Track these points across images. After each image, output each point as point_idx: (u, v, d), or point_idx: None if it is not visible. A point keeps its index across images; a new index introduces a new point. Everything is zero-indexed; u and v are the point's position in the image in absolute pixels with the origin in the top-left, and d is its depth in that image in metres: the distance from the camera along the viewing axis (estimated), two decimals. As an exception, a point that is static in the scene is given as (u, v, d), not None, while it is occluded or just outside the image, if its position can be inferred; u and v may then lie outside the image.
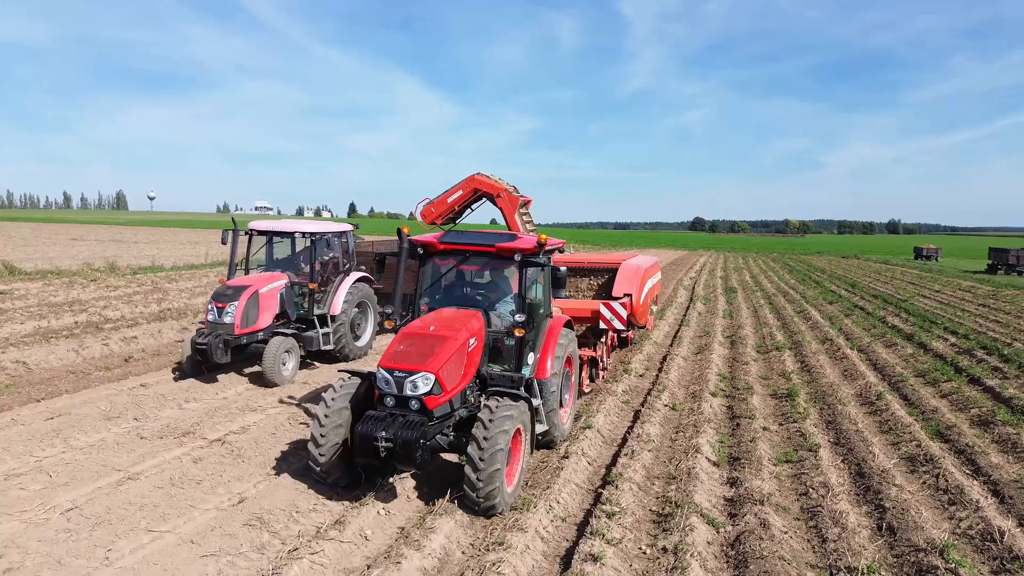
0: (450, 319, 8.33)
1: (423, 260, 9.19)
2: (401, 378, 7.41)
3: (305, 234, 13.95)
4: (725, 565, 6.69)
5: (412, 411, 7.43)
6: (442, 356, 7.52)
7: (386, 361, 7.55)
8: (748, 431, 10.61)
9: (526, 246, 8.61)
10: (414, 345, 7.65)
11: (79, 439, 9.42)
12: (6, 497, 7.55)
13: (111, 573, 6.14)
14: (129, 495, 7.70)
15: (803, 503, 8.22)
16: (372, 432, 7.12)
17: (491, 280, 9.69)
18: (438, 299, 9.37)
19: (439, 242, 8.90)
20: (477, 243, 8.86)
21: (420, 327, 8.04)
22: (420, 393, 7.39)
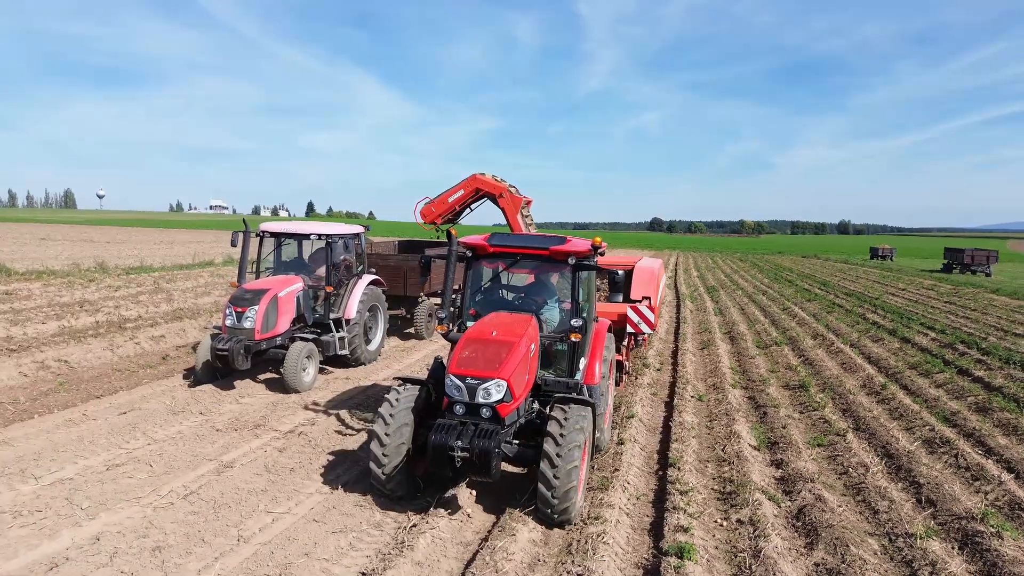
0: (509, 324, 8.09)
1: (470, 263, 9.00)
2: (474, 385, 7.23)
3: (321, 236, 13.64)
4: (796, 534, 7.46)
5: (483, 419, 7.26)
6: (512, 362, 7.36)
7: (456, 368, 7.35)
8: (776, 419, 11.46)
9: (580, 249, 8.42)
10: (481, 351, 7.47)
11: (157, 432, 9.85)
12: (118, 485, 8.00)
13: (251, 549, 6.68)
14: (234, 481, 8.21)
15: (845, 481, 9.06)
16: (447, 441, 6.96)
17: (538, 283, 9.51)
18: (485, 303, 9.19)
19: (489, 244, 8.68)
20: (529, 245, 8.69)
21: (482, 332, 7.81)
22: (493, 401, 7.23)
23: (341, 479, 8.50)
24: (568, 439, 7.05)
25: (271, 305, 12.22)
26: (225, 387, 12.23)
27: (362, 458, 9.18)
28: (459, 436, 7.01)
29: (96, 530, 6.93)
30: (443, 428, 7.15)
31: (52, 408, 10.69)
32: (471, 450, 6.91)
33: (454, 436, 7.01)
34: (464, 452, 6.91)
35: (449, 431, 7.08)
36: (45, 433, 9.63)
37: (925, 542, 7.14)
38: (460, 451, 6.91)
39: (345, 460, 9.17)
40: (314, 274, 13.97)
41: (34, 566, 6.21)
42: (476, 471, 7.03)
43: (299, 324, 13.32)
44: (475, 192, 20.12)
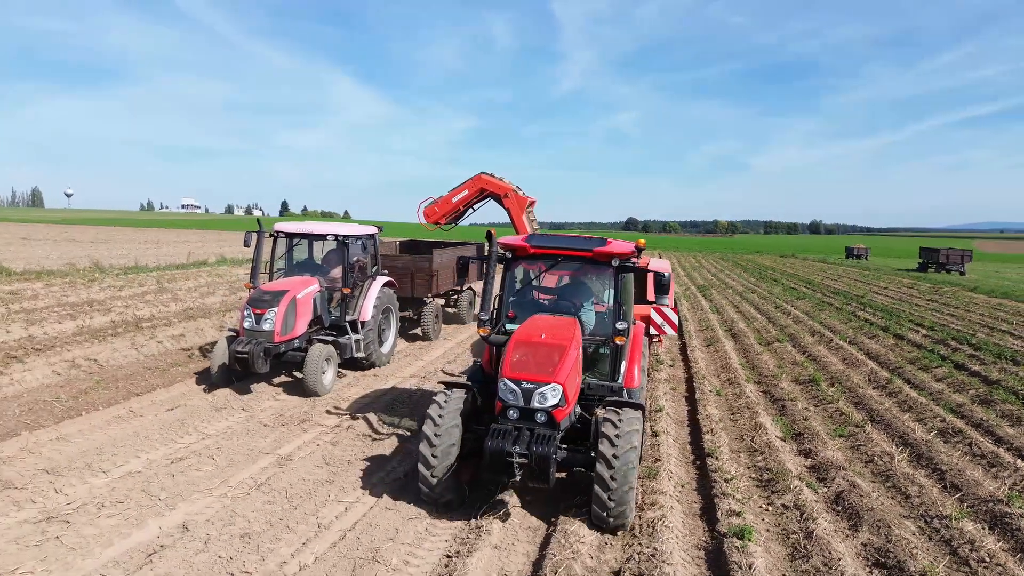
0: (556, 326, 7.99)
1: (509, 264, 8.85)
2: (529, 389, 7.12)
3: (338, 236, 13.46)
4: (839, 518, 7.93)
5: (538, 424, 7.16)
6: (565, 366, 7.28)
7: (510, 371, 7.23)
8: (795, 411, 11.96)
9: (623, 250, 8.30)
10: (533, 354, 7.36)
11: (207, 427, 10.12)
12: (187, 477, 8.29)
13: (334, 535, 7.04)
14: (298, 472, 8.53)
15: (872, 468, 9.56)
16: (504, 447, 6.82)
17: (574, 285, 9.37)
18: (522, 305, 9.04)
19: (530, 246, 8.55)
20: (571, 247, 8.56)
21: (531, 335, 7.71)
22: (549, 405, 7.12)
23: (397, 470, 8.84)
24: (624, 442, 6.98)
25: (290, 307, 12.05)
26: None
27: (411, 452, 9.53)
28: (515, 442, 6.88)
29: (180, 519, 7.22)
30: (499, 434, 7.01)
31: (97, 405, 10.88)
32: (530, 456, 6.80)
33: (511, 442, 6.88)
34: (522, 458, 6.81)
35: (505, 436, 6.95)
36: (98, 429, 9.86)
37: (959, 523, 7.64)
38: (519, 457, 6.79)
39: (398, 453, 9.50)
40: (328, 275, 13.82)
41: (132, 552, 6.50)
42: (534, 478, 6.89)
43: (315, 326, 13.14)
44: (480, 192, 20.22)
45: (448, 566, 6.45)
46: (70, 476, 8.12)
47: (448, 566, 6.45)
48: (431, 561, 6.61)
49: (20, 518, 7.07)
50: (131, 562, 6.33)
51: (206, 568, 6.24)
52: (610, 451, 6.96)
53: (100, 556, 6.42)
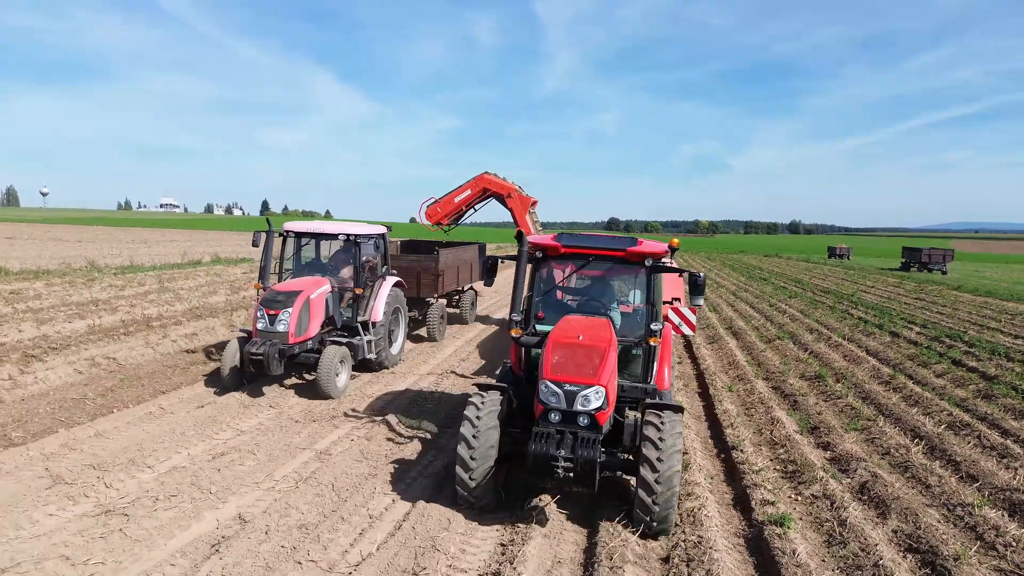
0: (591, 327, 7.91)
1: (539, 264, 8.75)
2: (572, 392, 7.01)
3: (349, 236, 13.14)
4: (866, 506, 8.25)
5: (580, 427, 7.04)
6: (607, 368, 7.20)
7: (552, 374, 7.11)
8: (807, 406, 12.30)
9: (656, 250, 8.22)
10: (573, 356, 7.26)
11: (240, 424, 10.31)
12: (233, 471, 8.47)
13: (389, 525, 7.28)
14: (340, 467, 8.72)
15: (890, 460, 9.90)
16: (549, 451, 6.75)
17: (604, 285, 9.34)
18: (551, 305, 8.97)
19: (562, 245, 8.47)
20: (604, 247, 8.46)
21: (568, 336, 7.61)
22: (592, 408, 7.02)
23: (434, 464, 9.08)
24: (668, 446, 6.88)
25: (304, 308, 11.81)
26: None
27: (442, 447, 9.75)
28: (559, 445, 6.81)
29: (233, 512, 7.41)
30: (542, 437, 6.91)
31: (126, 403, 10.99)
32: (575, 460, 6.70)
33: (555, 445, 6.80)
34: (567, 462, 6.71)
35: (548, 440, 6.87)
36: (133, 426, 9.99)
37: (981, 510, 7.99)
38: (563, 461, 6.71)
39: (429, 450, 9.71)
40: (338, 275, 13.60)
41: (196, 543, 6.68)
42: (579, 482, 6.79)
43: (327, 327, 12.92)
44: (482, 192, 20.32)
45: (504, 553, 6.68)
46: (116, 471, 8.26)
47: (504, 553, 6.68)
48: (487, 549, 6.85)
49: (78, 512, 7.22)
50: (197, 552, 6.51)
51: (272, 557, 6.43)
52: (654, 455, 6.84)
53: (165, 547, 6.59)
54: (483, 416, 7.33)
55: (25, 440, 9.17)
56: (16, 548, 6.39)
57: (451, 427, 10.43)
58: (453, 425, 10.46)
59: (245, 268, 31.51)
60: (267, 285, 12.79)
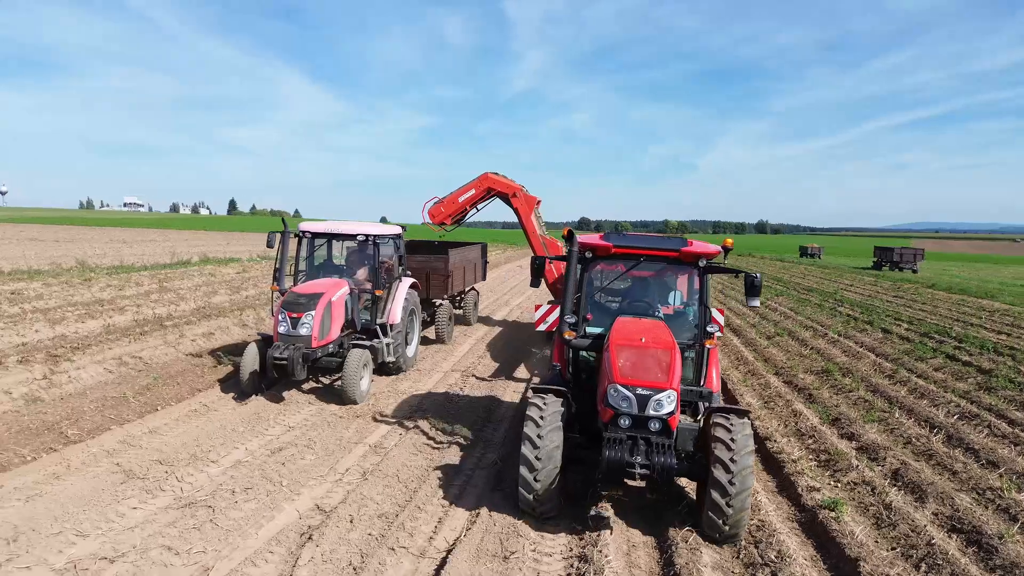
0: (650, 330, 7.81)
1: (587, 264, 8.61)
2: (645, 396, 6.86)
3: (368, 236, 12.90)
4: (905, 492, 8.70)
5: (652, 432, 6.92)
6: (676, 371, 7.09)
7: (622, 377, 6.96)
8: (823, 399, 12.82)
9: (710, 250, 8.14)
10: (642, 359, 7.14)
11: (286, 420, 10.57)
12: (296, 465, 8.72)
13: (465, 513, 7.61)
14: (399, 460, 9.03)
15: (913, 449, 10.40)
16: (625, 458, 6.69)
17: (648, 286, 9.22)
18: (596, 306, 8.94)
19: (613, 245, 8.37)
20: (656, 247, 8.37)
21: (631, 339, 7.49)
22: (664, 413, 6.87)
23: (487, 457, 9.41)
24: (740, 450, 6.72)
25: (326, 310, 11.59)
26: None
27: (490, 441, 10.06)
28: (633, 452, 6.75)
29: (309, 503, 7.66)
30: (616, 444, 6.81)
31: (168, 401, 11.15)
32: (651, 467, 6.66)
33: (630, 452, 6.74)
34: (645, 469, 6.67)
35: (622, 446, 6.79)
36: (181, 423, 10.19)
37: (1010, 493, 8.51)
38: (640, 468, 6.65)
39: (478, 443, 10.01)
40: (354, 276, 13.44)
41: (286, 532, 6.94)
42: (655, 489, 6.81)
43: (347, 330, 12.68)
44: (487, 192, 20.29)
45: (583, 538, 7.02)
46: (182, 466, 8.46)
47: (583, 538, 7.02)
48: (564, 537, 7.15)
49: (160, 505, 7.42)
50: (291, 540, 6.77)
51: (363, 544, 6.71)
52: (727, 455, 6.69)
53: (258, 536, 6.83)
54: (547, 417, 7.13)
55: (82, 437, 9.31)
56: (114, 539, 6.59)
57: (485, 430, 10.68)
58: (486, 428, 10.76)
59: (237, 268, 31.46)
60: (283, 287, 12.55)
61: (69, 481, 7.88)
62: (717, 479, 6.68)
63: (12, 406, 10.30)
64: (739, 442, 6.76)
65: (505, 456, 9.35)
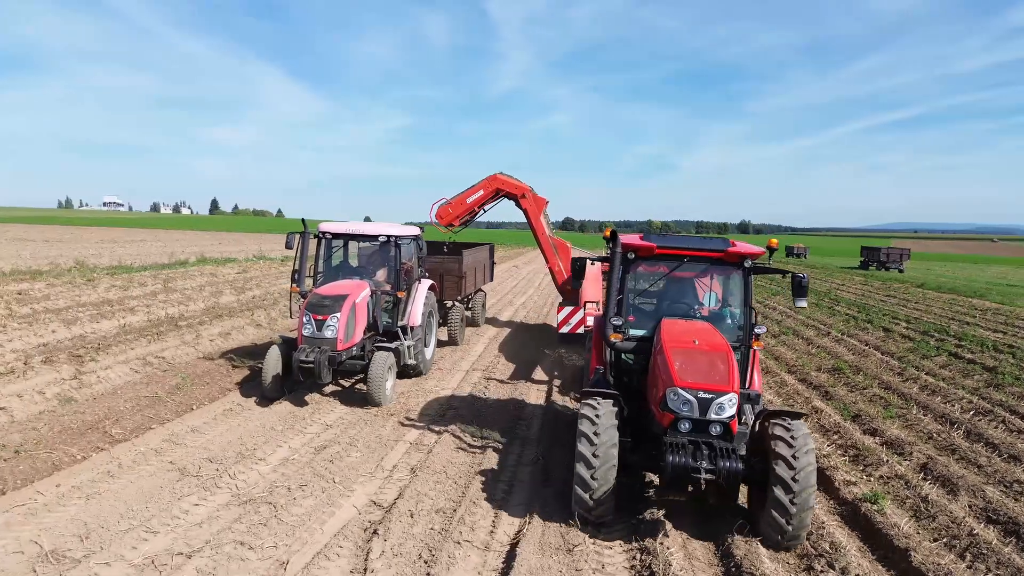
0: (700, 331, 7.77)
1: (629, 265, 8.44)
2: (707, 400, 6.79)
3: (390, 237, 12.80)
4: (936, 484, 8.97)
5: (713, 436, 6.85)
6: (735, 374, 7.01)
7: (683, 381, 6.85)
8: (840, 396, 13.11)
9: (756, 251, 8.05)
10: (699, 362, 7.04)
11: (323, 419, 10.75)
12: (343, 462, 8.90)
13: (520, 507, 7.75)
14: (444, 456, 9.23)
15: (934, 444, 10.68)
16: (690, 463, 6.57)
17: (688, 287, 9.12)
18: (638, 309, 8.81)
19: (657, 246, 8.19)
20: (701, 247, 8.22)
21: (682, 341, 7.40)
22: (726, 417, 6.81)
23: (526, 455, 9.57)
24: (803, 457, 6.57)
25: (351, 312, 11.42)
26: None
27: (527, 439, 10.24)
28: (696, 457, 6.65)
29: (365, 499, 7.82)
30: (680, 448, 6.70)
31: (202, 400, 11.24)
32: (717, 472, 6.55)
33: (695, 457, 6.64)
34: (710, 475, 6.56)
35: (684, 451, 6.69)
36: (219, 422, 10.29)
37: (1036, 486, 8.82)
38: (706, 473, 6.55)
39: (514, 441, 10.20)
40: (373, 278, 13.22)
41: (351, 527, 7.09)
42: (720, 495, 6.71)
43: (369, 333, 12.46)
44: (495, 192, 20.29)
45: (639, 532, 7.19)
46: (232, 464, 8.58)
47: (639, 532, 7.19)
48: (620, 532, 7.29)
49: (220, 502, 7.54)
50: (356, 535, 6.91)
51: (427, 538, 6.87)
52: (788, 452, 6.58)
53: (323, 531, 6.98)
54: (602, 416, 7.01)
55: (126, 436, 9.40)
56: (184, 535, 6.71)
57: (518, 428, 10.83)
58: (519, 426, 10.92)
59: (236, 268, 31.43)
60: (304, 289, 12.26)
61: (124, 479, 7.97)
62: (780, 475, 6.53)
63: (47, 406, 10.37)
64: (799, 440, 6.65)
65: (545, 452, 9.54)
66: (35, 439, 8.90)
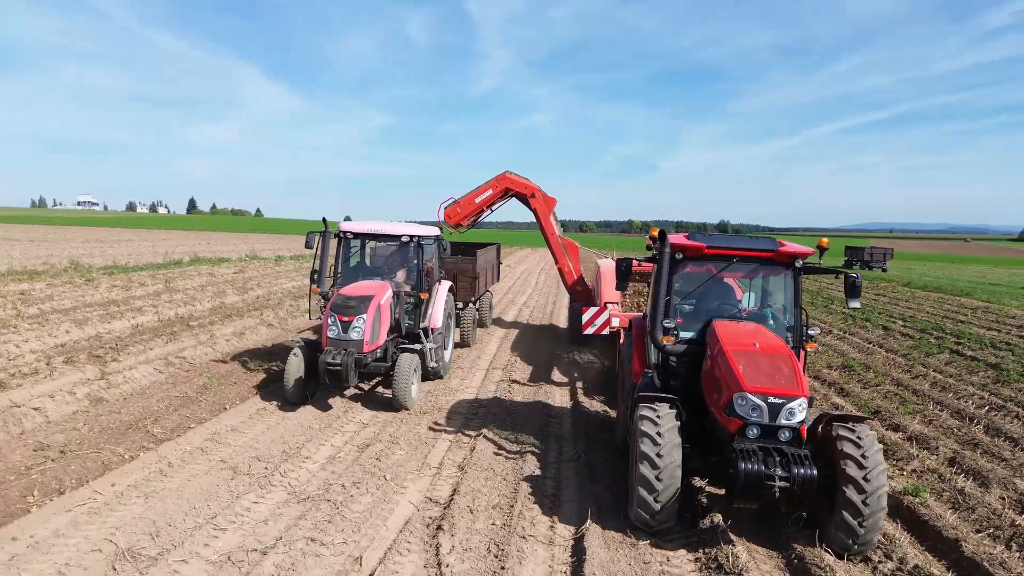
0: (756, 333, 7.64)
1: (675, 266, 8.25)
2: (777, 405, 6.62)
3: (413, 238, 12.64)
4: (968, 477, 9.22)
5: (782, 442, 6.70)
6: (802, 377, 6.87)
7: (751, 385, 6.69)
8: (856, 393, 13.37)
9: (807, 251, 8.00)
10: (764, 366, 6.89)
11: (358, 417, 10.88)
12: (390, 460, 9.00)
13: (575, 504, 7.85)
14: (487, 453, 9.39)
15: (956, 438, 10.95)
16: (763, 470, 6.40)
17: (726, 288, 8.98)
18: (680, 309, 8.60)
19: (707, 246, 8.10)
20: (751, 247, 8.12)
21: (745, 344, 7.25)
22: (796, 422, 6.66)
23: (566, 451, 9.71)
24: (872, 463, 6.46)
25: (377, 314, 11.15)
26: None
27: (555, 435, 10.38)
28: (768, 464, 6.49)
29: (419, 496, 7.92)
30: (752, 455, 6.53)
31: (233, 400, 11.26)
32: (792, 479, 6.37)
33: (770, 464, 6.47)
34: (785, 483, 6.38)
35: (756, 457, 6.52)
36: (255, 421, 10.36)
37: (1063, 478, 9.10)
38: (780, 481, 6.38)
39: (549, 438, 10.33)
40: (393, 279, 12.95)
41: (412, 523, 7.19)
42: (794, 503, 6.50)
43: (392, 335, 12.23)
44: (504, 192, 20.19)
45: (697, 527, 7.37)
46: (279, 462, 8.66)
47: (697, 527, 7.37)
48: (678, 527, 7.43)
49: (278, 499, 7.60)
50: (420, 531, 7.01)
51: (492, 532, 6.99)
52: (859, 474, 6.42)
53: (387, 527, 7.07)
54: (664, 433, 6.79)
55: (168, 436, 9.41)
56: (253, 532, 6.78)
57: (550, 426, 10.95)
58: (551, 424, 11.07)
59: (232, 268, 31.30)
60: (324, 290, 12.16)
61: (178, 478, 8.01)
62: (851, 475, 6.39)
63: (79, 406, 10.36)
64: (866, 440, 6.59)
65: (585, 449, 9.70)
66: (78, 439, 8.92)
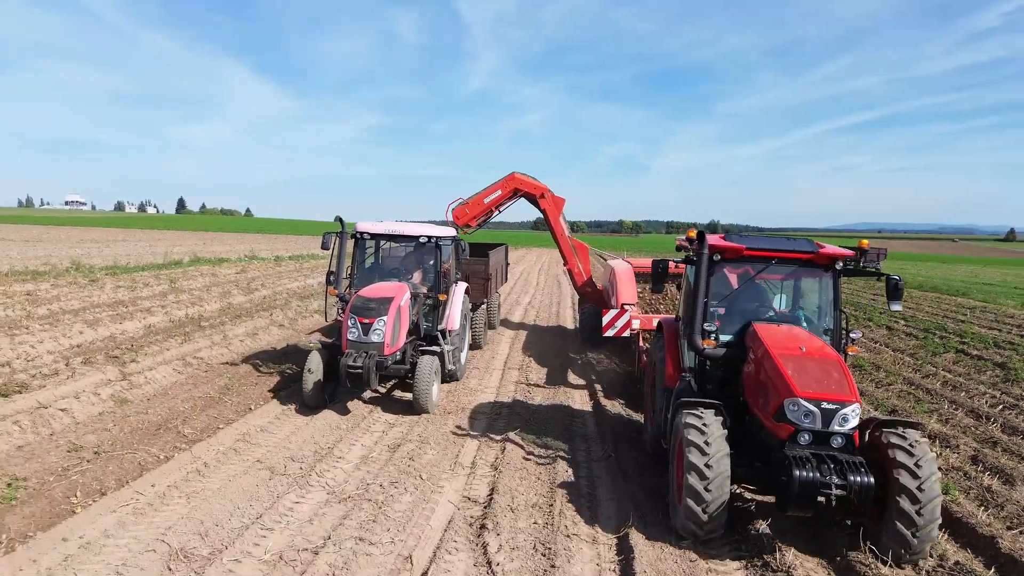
0: (800, 336, 7.50)
1: (713, 268, 8.11)
2: (830, 411, 6.49)
3: (431, 238, 12.53)
4: (987, 474, 9.36)
5: (834, 449, 6.56)
6: (853, 382, 6.73)
7: (803, 390, 6.52)
8: (871, 393, 13.50)
9: (846, 253, 7.96)
10: (814, 370, 6.75)
11: (384, 417, 10.91)
12: (422, 460, 9.04)
13: (612, 502, 7.93)
14: (516, 453, 9.45)
15: (973, 435, 11.06)
16: (818, 478, 6.24)
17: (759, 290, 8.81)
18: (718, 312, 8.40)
19: (746, 248, 8.00)
20: (791, 249, 8.02)
21: (788, 348, 7.11)
22: (849, 428, 6.55)
23: (595, 451, 9.78)
24: (924, 459, 6.33)
25: (397, 316, 11.03)
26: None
27: (577, 432, 10.46)
28: (823, 471, 6.32)
29: (457, 495, 7.97)
30: (806, 463, 6.36)
31: (257, 401, 11.28)
32: (849, 487, 6.22)
33: (825, 472, 6.31)
34: (841, 491, 6.24)
35: (810, 464, 6.36)
36: (283, 421, 10.40)
37: (1085, 476, 9.23)
38: (837, 489, 6.24)
39: (575, 438, 10.40)
40: (411, 280, 12.79)
41: (457, 520, 7.27)
42: (851, 512, 6.38)
43: (411, 337, 12.04)
44: (513, 192, 20.04)
45: (742, 525, 7.45)
46: (314, 462, 8.71)
47: (742, 525, 7.45)
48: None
49: (319, 499, 7.65)
50: (464, 530, 7.08)
51: (535, 530, 7.06)
52: (911, 461, 6.32)
53: (432, 525, 7.14)
54: (712, 442, 6.63)
55: (200, 436, 9.44)
56: (300, 532, 6.83)
57: (574, 426, 11.03)
58: (574, 423, 11.17)
59: (234, 268, 31.22)
60: (341, 291, 12.04)
61: (216, 479, 8.04)
62: (904, 485, 6.22)
63: (104, 407, 10.36)
64: (919, 448, 6.43)
65: (613, 448, 9.79)
66: (110, 440, 8.93)
